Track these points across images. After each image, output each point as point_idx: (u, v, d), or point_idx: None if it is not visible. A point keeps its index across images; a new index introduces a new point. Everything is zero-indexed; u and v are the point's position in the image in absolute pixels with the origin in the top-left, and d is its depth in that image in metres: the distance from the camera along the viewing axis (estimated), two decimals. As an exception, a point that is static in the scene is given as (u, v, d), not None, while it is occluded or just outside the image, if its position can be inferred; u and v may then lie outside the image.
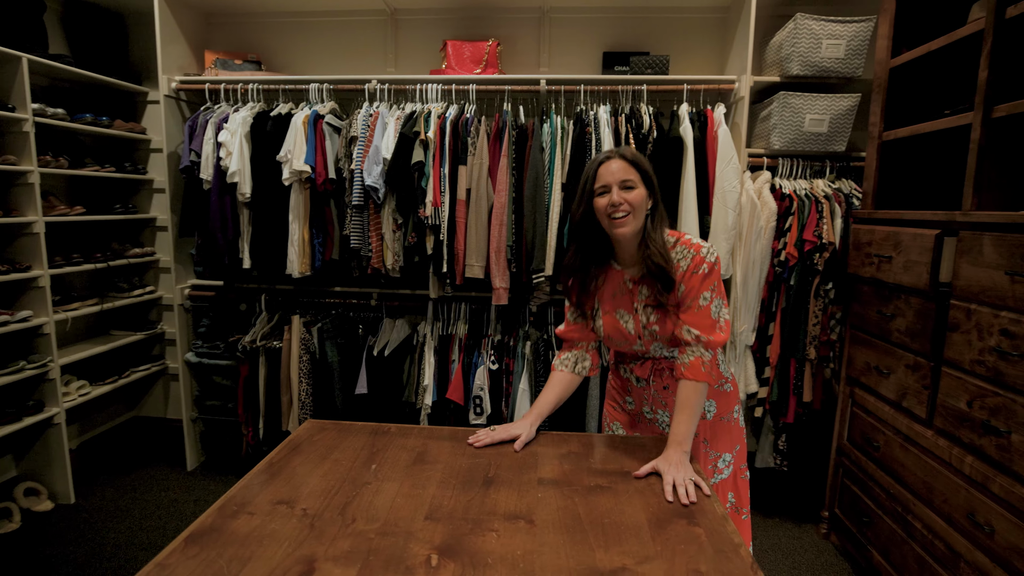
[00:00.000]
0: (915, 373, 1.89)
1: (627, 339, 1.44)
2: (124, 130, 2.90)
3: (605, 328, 1.45)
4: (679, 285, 1.35)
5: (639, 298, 1.40)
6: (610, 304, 1.44)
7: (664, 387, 1.49)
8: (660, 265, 1.32)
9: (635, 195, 1.32)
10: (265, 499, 1.10)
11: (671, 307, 1.37)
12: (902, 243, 1.94)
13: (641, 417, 1.57)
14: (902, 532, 1.91)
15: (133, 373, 3.00)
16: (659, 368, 1.48)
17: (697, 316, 1.34)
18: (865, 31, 2.36)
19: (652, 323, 1.39)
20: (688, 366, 1.35)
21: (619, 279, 1.43)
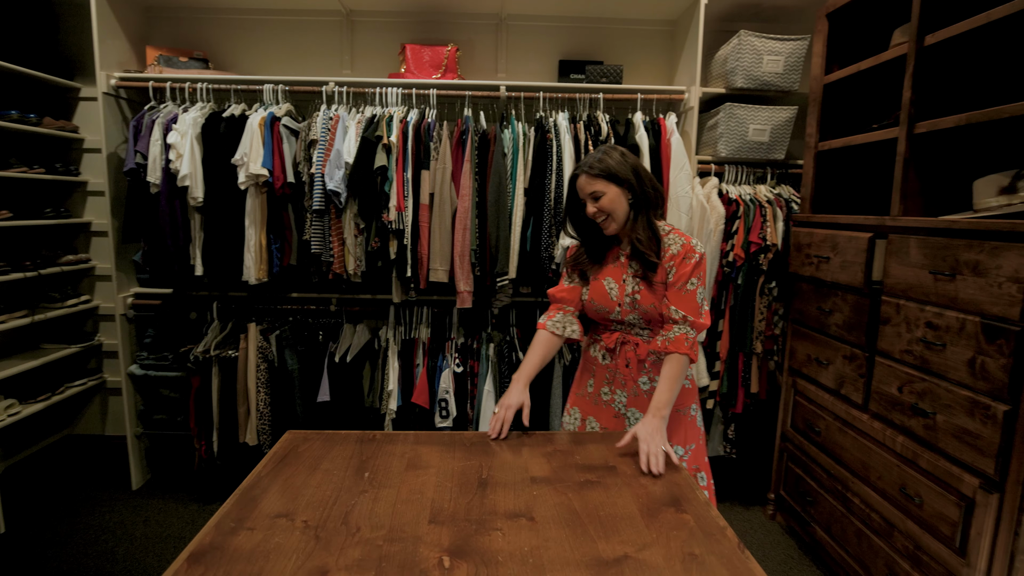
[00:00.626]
0: (852, 363, 2.08)
1: (608, 304, 1.58)
2: (54, 128, 2.70)
3: (591, 292, 1.61)
4: (670, 268, 1.53)
5: (628, 270, 1.58)
6: (602, 272, 1.61)
7: (626, 364, 1.60)
8: (647, 242, 1.52)
9: (606, 200, 1.51)
10: (262, 513, 1.09)
11: (657, 283, 1.54)
12: (839, 245, 2.12)
13: (598, 399, 1.65)
14: (842, 508, 2.10)
15: (68, 389, 2.81)
16: (625, 341, 1.60)
17: (684, 299, 1.51)
18: (801, 48, 2.55)
19: (635, 292, 1.55)
20: (673, 340, 1.50)
21: (615, 253, 1.62)
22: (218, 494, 2.73)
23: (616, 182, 1.50)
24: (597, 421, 1.66)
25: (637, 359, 1.58)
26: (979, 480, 1.54)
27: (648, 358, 1.57)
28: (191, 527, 2.48)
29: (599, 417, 1.65)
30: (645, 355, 1.57)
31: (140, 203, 2.46)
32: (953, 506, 1.61)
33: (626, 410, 1.62)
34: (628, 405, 1.62)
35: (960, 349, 1.60)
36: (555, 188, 2.42)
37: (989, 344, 1.51)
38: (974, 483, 1.55)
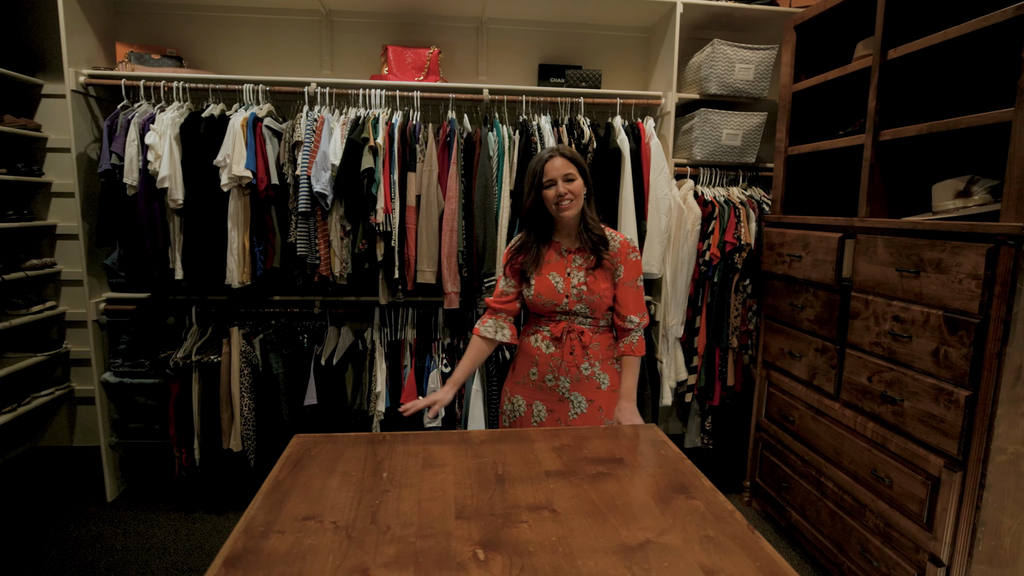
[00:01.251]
0: (823, 355, 2.21)
1: (555, 297, 1.70)
2: (15, 127, 2.59)
3: (536, 287, 1.71)
4: (618, 263, 1.71)
5: (572, 264, 1.72)
6: (545, 268, 1.73)
7: (571, 351, 1.72)
8: (600, 236, 1.70)
9: (576, 185, 1.65)
10: (289, 517, 1.10)
11: (603, 272, 1.70)
12: (810, 244, 2.26)
13: (543, 385, 1.76)
14: (816, 492, 2.24)
15: (35, 399, 2.69)
16: (571, 330, 1.72)
17: (635, 297, 1.73)
18: (770, 57, 2.69)
19: (581, 284, 1.70)
20: (635, 345, 1.76)
21: (557, 249, 1.75)
22: (201, 502, 2.67)
23: (581, 173, 1.68)
24: (543, 405, 1.77)
25: (581, 346, 1.72)
26: (944, 460, 1.68)
27: (591, 345, 1.73)
28: (174, 537, 2.43)
29: (545, 401, 1.77)
30: (589, 342, 1.73)
31: (115, 205, 2.39)
32: (920, 485, 1.75)
33: (570, 394, 1.75)
34: (571, 389, 1.75)
35: (925, 340, 1.74)
36: (541, 190, 2.47)
37: (951, 335, 1.65)
38: (939, 463, 1.69)
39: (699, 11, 2.71)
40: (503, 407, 1.88)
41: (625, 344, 1.75)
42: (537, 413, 1.77)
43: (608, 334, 1.78)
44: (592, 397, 1.74)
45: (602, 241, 1.69)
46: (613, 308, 1.74)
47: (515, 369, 1.84)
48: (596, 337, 1.74)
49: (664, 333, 2.76)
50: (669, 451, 1.44)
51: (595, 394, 1.75)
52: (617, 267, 1.71)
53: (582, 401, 1.74)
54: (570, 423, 1.74)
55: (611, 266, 1.71)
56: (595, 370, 1.74)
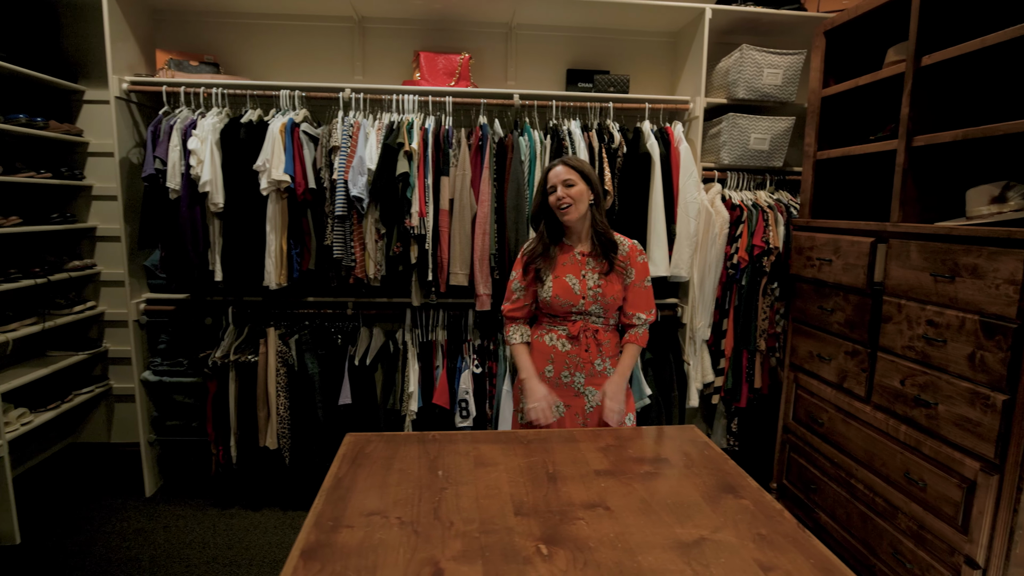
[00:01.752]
0: (854, 358, 2.23)
1: (572, 298, 1.80)
2: (60, 132, 2.66)
3: (554, 289, 1.80)
4: (628, 266, 1.83)
5: (586, 267, 1.82)
6: (560, 270, 1.83)
7: (586, 349, 1.82)
8: (610, 239, 1.81)
9: (575, 190, 1.76)
10: (355, 512, 1.15)
11: (615, 276, 1.81)
12: (841, 248, 2.28)
13: (559, 382, 1.85)
14: (846, 494, 2.26)
15: (76, 396, 2.77)
16: (587, 328, 1.82)
17: (644, 296, 1.86)
18: (798, 62, 2.71)
19: (597, 286, 1.80)
20: (640, 335, 1.89)
21: (570, 252, 1.85)
22: (237, 498, 2.74)
23: (585, 180, 1.78)
24: (561, 400, 1.85)
25: (596, 344, 1.83)
26: (980, 463, 1.70)
27: (604, 343, 1.84)
28: (213, 532, 2.49)
29: (562, 396, 1.85)
30: (603, 340, 1.84)
31: (158, 209, 2.45)
32: (955, 488, 1.77)
33: (584, 388, 1.84)
34: (586, 384, 1.84)
35: (960, 345, 1.76)
36: (572, 194, 2.51)
37: (988, 340, 1.67)
38: (975, 466, 1.71)
39: (727, 16, 2.74)
40: (518, 404, 1.94)
41: (631, 333, 1.88)
42: (556, 409, 1.85)
43: (616, 332, 1.91)
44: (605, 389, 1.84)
45: (612, 245, 1.81)
46: (621, 308, 1.87)
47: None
48: (607, 335, 1.86)
49: (691, 335, 2.79)
50: (712, 452, 1.47)
51: (602, 384, 1.84)
52: (628, 269, 1.83)
53: (595, 395, 1.84)
54: (587, 416, 1.84)
55: (622, 269, 1.82)
56: (607, 365, 1.85)
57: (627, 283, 1.84)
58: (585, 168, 1.80)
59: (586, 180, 1.78)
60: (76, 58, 2.81)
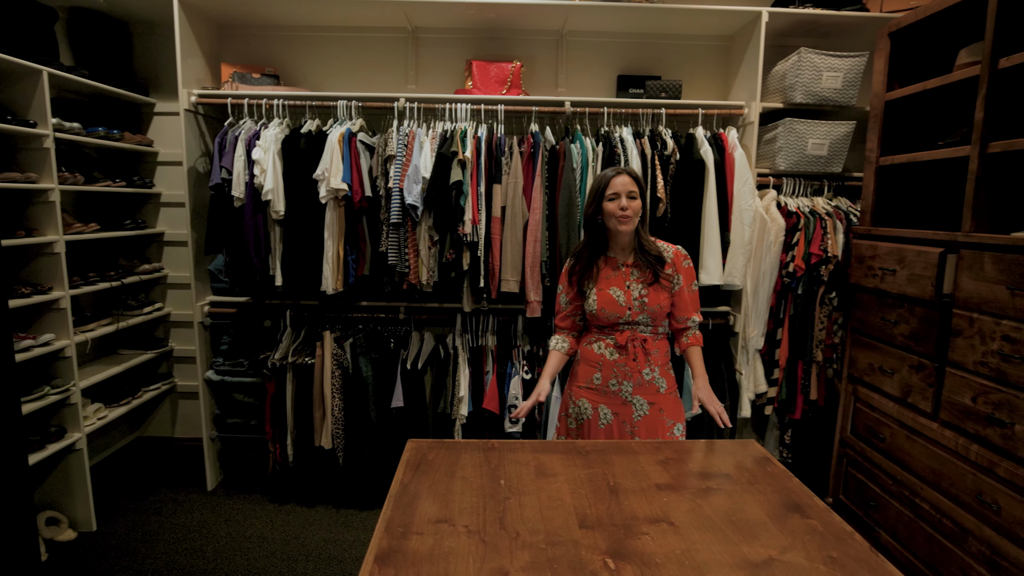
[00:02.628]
0: (919, 373, 2.15)
1: (618, 310, 1.81)
2: (134, 143, 2.82)
3: (599, 301, 1.81)
4: (675, 273, 1.84)
5: (631, 278, 1.83)
6: (604, 283, 1.84)
7: (634, 358, 1.82)
8: (657, 254, 1.82)
9: (636, 204, 1.78)
10: (423, 519, 1.18)
11: (661, 285, 1.82)
12: (906, 258, 2.20)
13: (607, 390, 1.85)
14: (910, 513, 2.18)
15: (145, 393, 2.92)
16: (635, 338, 1.83)
17: (693, 299, 1.88)
18: (859, 65, 2.63)
19: (642, 296, 1.81)
20: (693, 336, 1.91)
21: (613, 264, 1.86)
22: (292, 495, 2.83)
23: (640, 193, 1.81)
24: (608, 408, 1.85)
25: (644, 353, 1.83)
26: (1061, 488, 1.61)
27: (653, 352, 1.84)
28: (271, 527, 2.59)
29: (609, 404, 1.85)
30: (651, 349, 1.84)
31: (223, 216, 2.57)
32: (1034, 512, 1.68)
33: (632, 397, 1.84)
34: (633, 393, 1.84)
35: (1040, 362, 1.67)
36: (623, 202, 2.50)
37: (1072, 358, 1.59)
38: (1056, 490, 1.62)
39: (784, 19, 2.68)
40: (567, 410, 1.96)
41: (689, 337, 1.89)
42: (604, 416, 1.85)
43: (665, 340, 1.91)
44: (653, 400, 1.84)
45: (659, 260, 1.81)
46: (671, 314, 1.88)
47: (577, 374, 1.94)
48: (656, 344, 1.86)
49: (744, 344, 2.74)
50: (775, 468, 1.45)
51: (655, 397, 1.85)
52: (675, 277, 1.85)
53: (644, 404, 1.84)
54: (635, 424, 1.84)
55: (668, 279, 1.83)
56: (655, 375, 1.84)
57: (675, 290, 1.85)
58: (643, 183, 1.84)
59: (641, 193, 1.81)
60: (147, 72, 2.97)
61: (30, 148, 2.29)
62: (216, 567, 2.31)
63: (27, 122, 2.22)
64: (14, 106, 2.28)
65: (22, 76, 2.25)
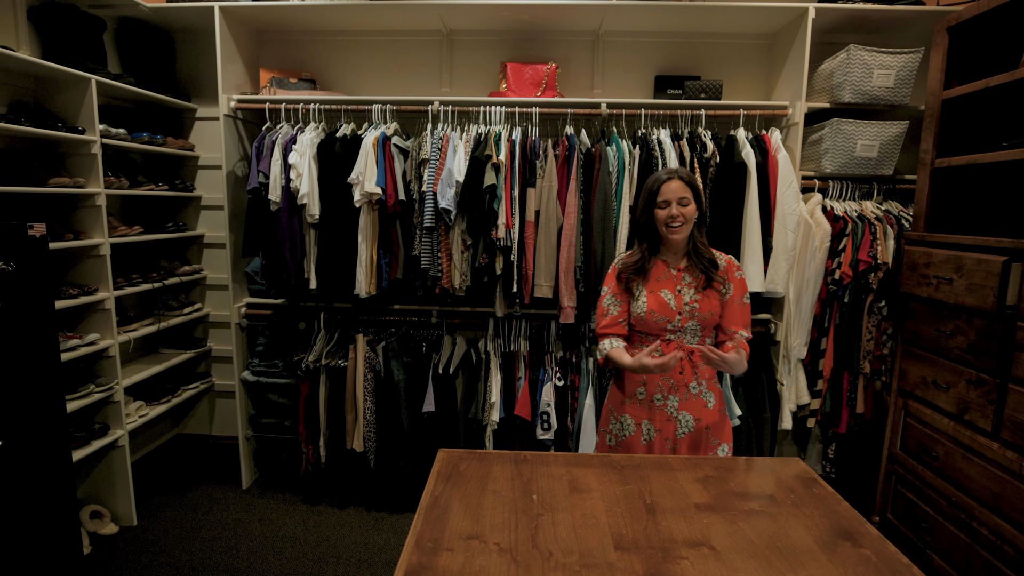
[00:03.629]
0: (978, 389, 2.02)
1: (668, 314, 1.72)
2: (176, 148, 2.88)
3: (649, 304, 1.73)
4: (726, 281, 1.75)
5: (682, 282, 1.75)
6: (655, 286, 1.76)
7: (680, 371, 1.73)
8: (711, 259, 1.74)
9: (689, 210, 1.69)
10: (454, 535, 1.16)
11: (712, 291, 1.73)
12: (964, 266, 2.07)
13: (651, 404, 1.76)
14: (966, 538, 2.05)
15: (184, 391, 2.99)
16: (682, 348, 1.71)
17: (742, 312, 1.76)
18: (913, 62, 2.49)
19: (693, 301, 1.72)
20: (738, 343, 1.76)
21: (664, 268, 1.78)
22: (324, 496, 2.86)
23: (696, 199, 1.71)
24: (652, 424, 1.76)
25: (691, 366, 1.73)
26: None
27: (700, 365, 1.73)
28: (303, 528, 2.61)
29: (654, 420, 1.76)
30: (698, 361, 1.72)
31: (260, 219, 2.60)
32: (1108, 544, 1.56)
33: (678, 413, 1.74)
34: (679, 408, 1.74)
35: (1118, 382, 1.55)
36: (661, 206, 2.44)
37: None
38: None
39: (832, 15, 2.57)
40: (607, 425, 1.88)
41: (731, 344, 1.74)
42: (646, 432, 1.77)
43: None
44: (699, 416, 1.74)
45: (712, 264, 1.74)
46: (718, 326, 1.77)
47: (621, 388, 1.84)
48: None
49: (785, 354, 2.63)
50: (822, 490, 1.38)
51: (702, 413, 1.75)
52: (726, 285, 1.75)
53: (689, 420, 1.74)
54: (678, 441, 1.74)
55: (720, 285, 1.74)
56: (702, 388, 1.75)
57: (724, 299, 1.76)
58: (698, 186, 1.73)
59: (696, 199, 1.71)
60: (189, 79, 3.04)
61: (78, 154, 2.36)
62: (250, 566, 2.34)
63: (76, 128, 2.29)
64: (64, 113, 2.35)
65: (71, 84, 2.32)
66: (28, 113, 2.25)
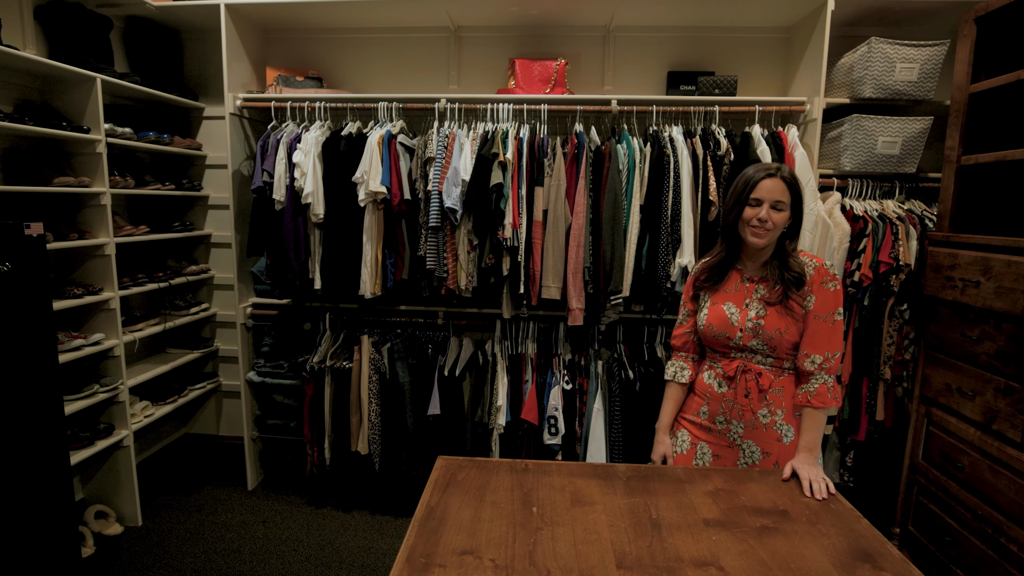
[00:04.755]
0: (1007, 397, 1.92)
1: (728, 330, 1.53)
2: (183, 147, 2.87)
3: (709, 317, 1.56)
4: (808, 293, 1.48)
5: (753, 296, 1.53)
6: (720, 296, 1.57)
7: (746, 394, 1.53)
8: (798, 275, 1.48)
9: (781, 216, 1.46)
10: (447, 549, 1.10)
11: (787, 308, 1.49)
12: (993, 269, 1.97)
13: (711, 427, 1.60)
14: (993, 553, 1.95)
15: (191, 391, 2.98)
16: (747, 369, 1.54)
17: (831, 334, 1.48)
18: (938, 55, 2.39)
19: (759, 317, 1.50)
20: (815, 394, 1.49)
21: (737, 277, 1.58)
22: (329, 498, 2.83)
23: (794, 205, 1.48)
24: (709, 447, 1.61)
25: (758, 389, 1.52)
26: None
27: (771, 390, 1.52)
28: (307, 530, 2.58)
29: (712, 444, 1.60)
30: (768, 386, 1.52)
31: (265, 219, 2.57)
32: None
33: (742, 441, 1.56)
34: (744, 437, 1.56)
35: None
36: (672, 205, 2.37)
37: None
38: None
39: (852, 6, 2.47)
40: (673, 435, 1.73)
41: (802, 393, 1.50)
42: (701, 455, 1.61)
43: (796, 378, 1.55)
44: (769, 449, 1.54)
45: (797, 281, 1.47)
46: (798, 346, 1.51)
47: (688, 403, 1.69)
48: (779, 381, 1.53)
49: (801, 358, 2.54)
50: (840, 506, 1.30)
51: (773, 446, 1.54)
52: (807, 298, 1.48)
53: (755, 451, 1.55)
54: None
55: (800, 301, 1.48)
56: (776, 419, 1.53)
57: (805, 315, 1.49)
58: (800, 189, 1.49)
59: (795, 205, 1.47)
60: (197, 78, 3.02)
61: (83, 153, 2.35)
62: (252, 569, 2.31)
63: (81, 128, 2.28)
64: (69, 112, 2.35)
65: (77, 83, 2.31)
66: (34, 112, 2.25)
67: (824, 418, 1.50)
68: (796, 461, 1.44)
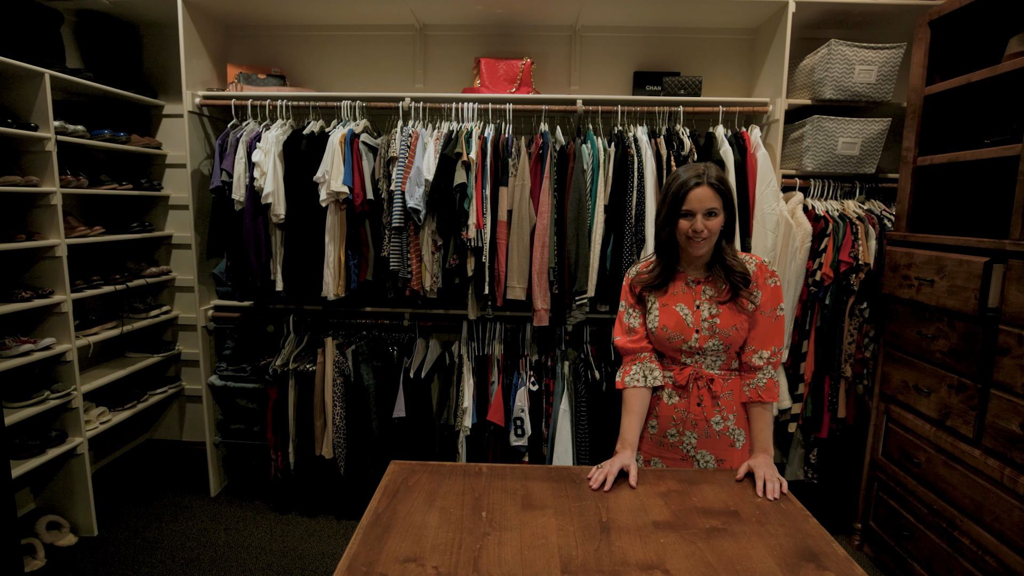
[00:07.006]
0: (960, 394, 1.96)
1: (683, 331, 1.49)
2: (141, 146, 2.79)
3: (662, 319, 1.51)
4: (754, 289, 1.49)
5: (702, 296, 1.51)
6: (670, 299, 1.53)
7: (698, 402, 1.51)
8: (742, 273, 1.47)
9: (715, 222, 1.43)
10: (390, 557, 1.08)
11: (738, 304, 1.48)
12: (946, 268, 2.01)
13: (663, 441, 1.57)
14: (947, 547, 1.98)
15: (151, 396, 2.90)
16: (699, 376, 1.51)
17: (774, 328, 1.50)
18: (896, 57, 2.43)
19: (713, 316, 1.48)
20: (765, 388, 1.51)
21: (683, 279, 1.54)
22: (294, 504, 2.78)
23: (726, 207, 1.45)
24: (662, 463, 1.58)
25: (711, 396, 1.51)
26: (1125, 532, 1.42)
27: (723, 395, 1.51)
28: (269, 537, 2.53)
29: (665, 459, 1.57)
30: (720, 391, 1.50)
31: (224, 219, 2.52)
32: (1091, 558, 1.49)
33: (696, 452, 1.54)
34: (698, 447, 1.54)
35: (1101, 389, 1.48)
36: (636, 205, 2.37)
37: None
38: (1118, 535, 1.43)
39: (813, 9, 2.50)
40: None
41: (751, 389, 1.49)
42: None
43: (739, 379, 1.54)
44: (723, 456, 1.53)
45: (743, 280, 1.46)
46: (744, 343, 1.51)
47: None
48: (729, 384, 1.51)
49: (766, 357, 2.56)
50: (790, 505, 1.30)
51: (727, 452, 1.53)
52: (753, 293, 1.48)
53: (710, 460, 1.53)
54: None
55: (748, 297, 1.48)
56: (729, 424, 1.52)
57: (752, 311, 1.48)
58: (730, 191, 1.46)
59: (727, 207, 1.45)
60: (157, 75, 2.95)
61: (32, 151, 2.27)
62: (211, 578, 2.26)
63: (28, 125, 2.20)
64: (17, 109, 2.26)
65: (24, 79, 2.23)
66: (-23, 109, 2.17)
67: (772, 416, 1.53)
68: (754, 461, 1.43)
